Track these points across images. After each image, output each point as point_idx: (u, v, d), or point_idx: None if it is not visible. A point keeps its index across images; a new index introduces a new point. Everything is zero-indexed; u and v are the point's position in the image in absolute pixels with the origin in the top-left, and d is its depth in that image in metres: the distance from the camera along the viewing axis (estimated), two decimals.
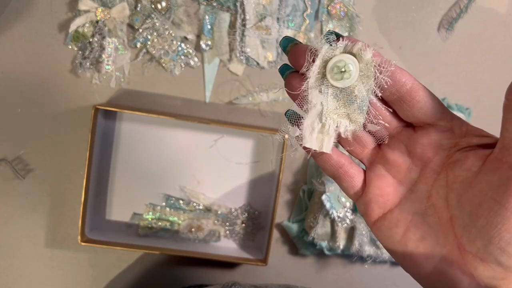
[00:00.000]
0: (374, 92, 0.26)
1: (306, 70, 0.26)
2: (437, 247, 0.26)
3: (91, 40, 0.53)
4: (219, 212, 0.57)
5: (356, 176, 0.29)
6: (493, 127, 0.61)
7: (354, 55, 0.26)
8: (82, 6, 0.51)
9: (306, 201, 0.56)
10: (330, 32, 0.27)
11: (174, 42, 0.53)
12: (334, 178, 0.30)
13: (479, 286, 0.25)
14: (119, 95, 0.55)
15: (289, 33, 0.54)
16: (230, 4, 0.53)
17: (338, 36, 0.27)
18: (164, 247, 0.54)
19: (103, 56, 0.53)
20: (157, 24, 0.52)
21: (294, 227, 0.56)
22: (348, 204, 0.53)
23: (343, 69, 0.26)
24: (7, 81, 0.54)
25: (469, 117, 0.56)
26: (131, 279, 0.57)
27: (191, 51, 0.54)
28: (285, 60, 0.55)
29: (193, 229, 0.56)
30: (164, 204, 0.56)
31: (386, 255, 0.55)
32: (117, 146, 0.55)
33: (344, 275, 0.59)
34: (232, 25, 0.54)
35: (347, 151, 0.29)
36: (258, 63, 0.55)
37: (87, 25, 0.52)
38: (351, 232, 0.55)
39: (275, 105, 0.56)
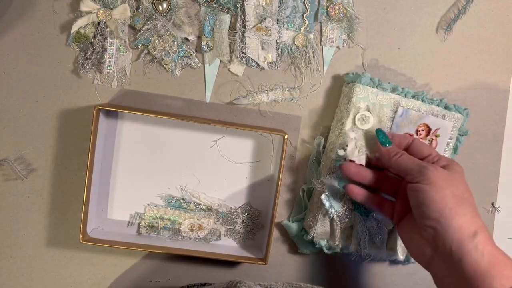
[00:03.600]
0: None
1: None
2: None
3: (92, 41, 0.53)
4: (219, 211, 0.57)
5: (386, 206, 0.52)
6: (491, 127, 0.62)
7: None
8: (83, 7, 0.52)
9: (306, 200, 0.57)
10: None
11: (175, 43, 0.53)
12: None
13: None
14: (121, 95, 0.55)
15: (289, 34, 0.55)
16: (230, 6, 0.54)
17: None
18: (165, 246, 0.54)
19: (105, 57, 0.54)
20: (158, 25, 0.53)
21: (294, 226, 0.57)
22: (347, 204, 0.54)
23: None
24: (9, 81, 0.54)
25: (467, 118, 0.56)
26: (132, 278, 0.58)
27: (192, 52, 0.54)
28: (284, 61, 0.56)
29: (194, 228, 0.57)
30: (165, 203, 0.57)
31: (384, 254, 0.56)
32: (119, 146, 0.56)
33: (344, 273, 0.60)
34: (232, 27, 0.54)
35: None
36: (258, 64, 0.55)
37: (88, 26, 0.53)
38: (350, 231, 0.55)
39: (275, 106, 0.57)
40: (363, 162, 0.51)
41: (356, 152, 0.51)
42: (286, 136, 0.52)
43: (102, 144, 0.54)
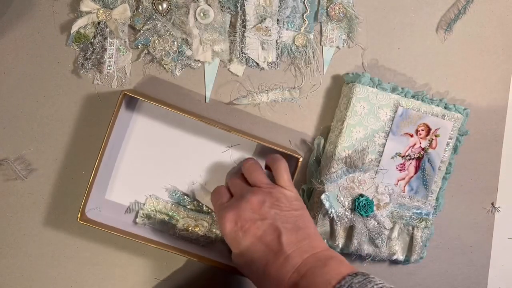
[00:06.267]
0: None
1: None
2: None
3: (92, 41, 0.53)
4: None
5: None
6: (491, 128, 0.62)
7: None
8: (83, 7, 0.52)
9: (306, 200, 0.57)
10: None
11: (175, 43, 0.53)
12: None
13: None
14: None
15: (289, 34, 0.55)
16: (230, 6, 0.54)
17: None
18: (158, 241, 0.53)
19: (105, 57, 0.54)
20: (158, 25, 0.53)
21: None
22: (347, 204, 0.54)
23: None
24: (9, 81, 0.54)
25: (466, 118, 0.56)
26: (132, 279, 0.58)
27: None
28: (284, 61, 0.56)
29: (190, 228, 0.56)
30: (169, 195, 0.56)
31: (384, 254, 0.56)
32: (130, 135, 0.55)
33: None
34: (232, 27, 0.54)
35: None
36: (258, 64, 0.55)
37: (88, 26, 0.53)
38: (350, 231, 0.55)
39: (275, 106, 0.57)
40: (209, 59, 0.53)
41: (201, 50, 0.52)
42: (300, 159, 0.52)
43: (115, 130, 0.52)
